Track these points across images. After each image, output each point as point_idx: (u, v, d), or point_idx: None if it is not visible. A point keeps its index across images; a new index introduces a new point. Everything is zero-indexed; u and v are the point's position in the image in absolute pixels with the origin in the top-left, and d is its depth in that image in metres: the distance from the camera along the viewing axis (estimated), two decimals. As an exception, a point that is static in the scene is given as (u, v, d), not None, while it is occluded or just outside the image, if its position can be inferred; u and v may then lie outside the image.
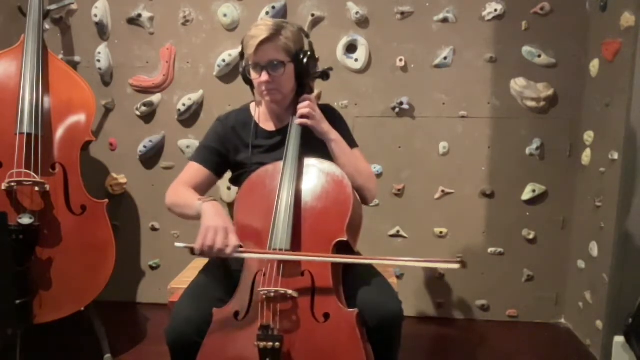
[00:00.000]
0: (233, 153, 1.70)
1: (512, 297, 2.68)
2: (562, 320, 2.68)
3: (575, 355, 2.36)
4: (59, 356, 2.33)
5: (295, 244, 1.45)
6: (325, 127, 1.60)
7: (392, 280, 2.11)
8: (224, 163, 1.72)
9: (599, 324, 2.26)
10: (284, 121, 1.68)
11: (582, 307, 2.46)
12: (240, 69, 1.67)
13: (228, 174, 1.78)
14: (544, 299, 2.67)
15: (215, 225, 1.40)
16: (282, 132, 1.66)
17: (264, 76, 1.56)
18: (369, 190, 1.64)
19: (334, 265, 1.45)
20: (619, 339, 2.10)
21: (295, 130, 1.59)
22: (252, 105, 1.77)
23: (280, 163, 1.55)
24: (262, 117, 1.73)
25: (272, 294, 1.38)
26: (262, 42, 1.53)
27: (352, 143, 1.69)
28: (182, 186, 1.64)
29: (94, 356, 2.26)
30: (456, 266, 1.34)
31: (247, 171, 1.64)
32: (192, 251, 1.41)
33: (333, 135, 1.61)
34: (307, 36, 1.66)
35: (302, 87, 1.66)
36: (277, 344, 1.33)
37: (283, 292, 1.37)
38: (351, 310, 1.39)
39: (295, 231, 1.46)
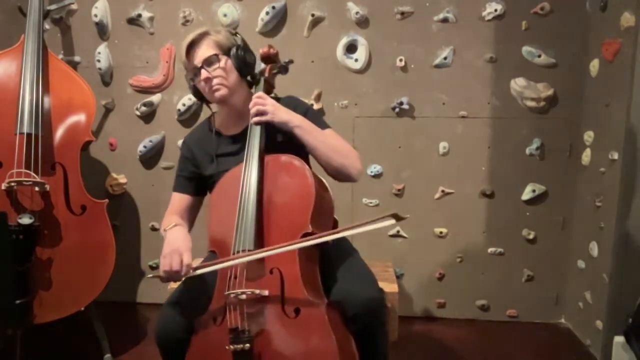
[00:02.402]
0: (202, 169, 1.72)
1: (512, 297, 2.68)
2: (562, 320, 2.68)
3: (575, 355, 2.36)
4: (59, 356, 2.33)
5: (260, 242, 1.45)
6: (284, 116, 1.58)
7: (392, 281, 2.11)
8: (201, 183, 1.74)
9: (599, 324, 2.26)
10: (244, 122, 1.67)
11: (582, 307, 2.46)
12: (190, 88, 1.71)
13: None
14: (544, 299, 2.67)
15: (168, 252, 1.46)
16: (244, 134, 1.66)
17: (203, 74, 1.60)
18: (352, 167, 1.60)
19: (302, 257, 1.44)
20: (619, 339, 2.09)
21: (255, 130, 1.59)
22: (212, 117, 1.80)
23: (242, 165, 1.55)
24: (223, 124, 1.75)
25: (241, 296, 1.38)
26: (191, 45, 1.61)
27: (322, 125, 1.66)
28: (170, 216, 1.69)
29: (94, 356, 2.26)
30: (391, 221, 1.30)
31: (216, 180, 1.65)
32: (160, 279, 1.46)
33: (296, 121, 1.58)
34: (236, 34, 1.70)
35: (255, 83, 1.69)
36: (246, 345, 1.33)
37: (250, 292, 1.37)
38: (319, 300, 1.38)
39: (261, 230, 1.46)
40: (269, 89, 1.70)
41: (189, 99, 2.69)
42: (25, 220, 1.99)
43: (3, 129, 2.09)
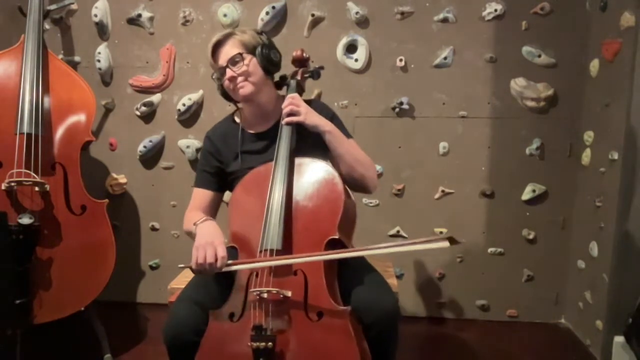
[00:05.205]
0: (226, 164, 1.72)
1: (512, 297, 2.68)
2: (562, 320, 2.68)
3: (575, 355, 2.36)
4: (59, 356, 2.33)
5: (287, 243, 1.46)
6: (315, 120, 1.61)
7: (392, 281, 2.12)
8: (223, 179, 1.74)
9: (599, 324, 2.26)
10: (270, 122, 1.70)
11: (582, 307, 2.46)
12: (218, 89, 1.73)
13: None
14: (544, 299, 2.67)
15: (202, 243, 1.45)
16: (269, 133, 1.68)
17: (229, 73, 1.61)
18: (371, 179, 1.66)
19: (327, 263, 1.44)
20: (619, 339, 2.10)
21: (285, 131, 1.60)
22: (236, 114, 1.80)
23: (271, 164, 1.56)
24: (247, 122, 1.75)
25: (265, 294, 1.38)
26: (217, 45, 1.64)
27: (346, 134, 1.69)
28: (193, 212, 1.69)
29: (94, 356, 2.26)
30: (445, 244, 1.30)
31: (239, 176, 1.65)
32: (192, 270, 1.47)
33: (327, 126, 1.61)
34: (262, 33, 1.71)
35: (285, 85, 1.71)
36: (269, 344, 1.33)
37: (275, 291, 1.38)
38: (344, 307, 1.39)
39: (287, 231, 1.47)
40: (299, 92, 1.71)
41: (188, 99, 2.69)
42: (25, 220, 1.99)
43: (3, 129, 2.08)
